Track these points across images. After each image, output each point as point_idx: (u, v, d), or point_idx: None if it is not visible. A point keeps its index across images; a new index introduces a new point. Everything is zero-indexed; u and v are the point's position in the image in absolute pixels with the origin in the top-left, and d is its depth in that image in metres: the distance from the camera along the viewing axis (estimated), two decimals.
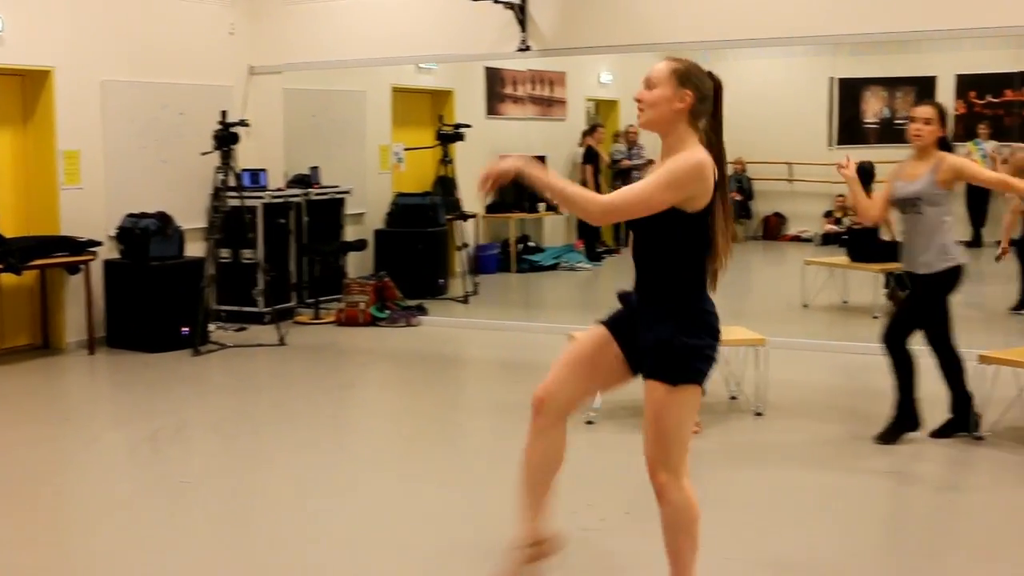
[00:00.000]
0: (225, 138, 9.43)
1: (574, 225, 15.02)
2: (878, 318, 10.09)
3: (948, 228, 6.08)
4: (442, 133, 11.78)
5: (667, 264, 3.64)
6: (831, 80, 16.73)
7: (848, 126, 16.67)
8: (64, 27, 9.25)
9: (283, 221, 10.67)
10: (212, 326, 9.67)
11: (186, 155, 9.99)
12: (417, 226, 11.78)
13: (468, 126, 11.87)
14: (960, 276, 6.09)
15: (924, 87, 15.37)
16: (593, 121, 15.84)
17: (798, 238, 17.21)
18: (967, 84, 15.46)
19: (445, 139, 11.76)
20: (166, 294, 9.27)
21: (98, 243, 9.23)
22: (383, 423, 7.37)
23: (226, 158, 9.46)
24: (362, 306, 10.48)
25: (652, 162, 14.94)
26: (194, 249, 9.78)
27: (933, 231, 6.04)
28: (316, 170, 11.23)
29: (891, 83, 16.27)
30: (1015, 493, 5.56)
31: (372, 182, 12.19)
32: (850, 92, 16.61)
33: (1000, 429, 6.33)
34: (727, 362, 6.87)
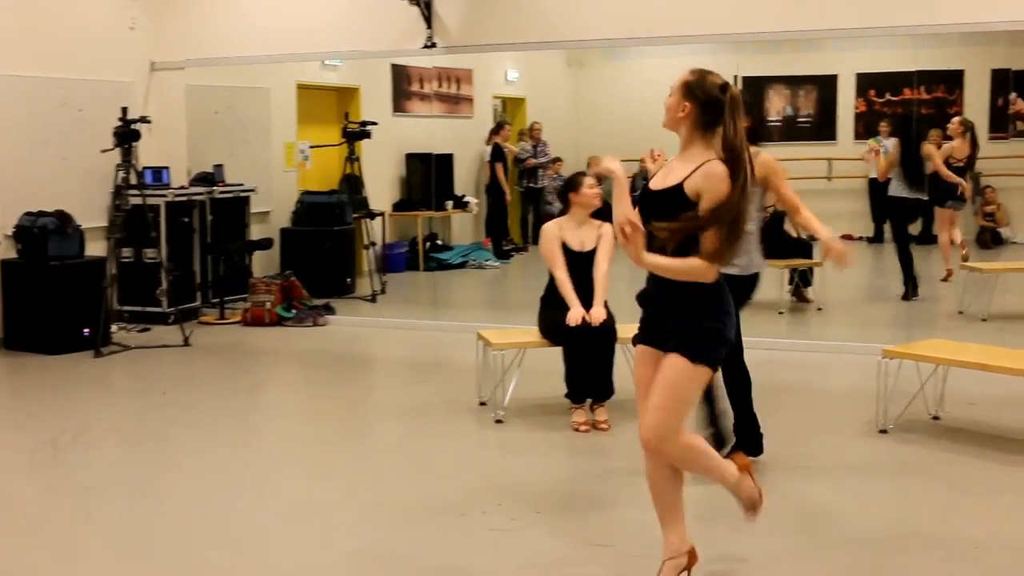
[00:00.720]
0: (126, 135, 9.29)
1: (482, 223, 15.02)
2: (783, 314, 10.27)
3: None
4: (348, 131, 11.70)
5: (683, 251, 3.87)
6: (735, 78, 16.91)
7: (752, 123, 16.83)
8: None
9: (187, 220, 10.52)
10: (114, 327, 9.51)
11: (86, 152, 9.76)
12: (323, 225, 11.69)
13: (374, 124, 11.79)
14: (754, 286, 6.05)
15: (826, 85, 15.66)
16: (500, 119, 15.84)
17: None
18: (867, 82, 15.79)
19: (351, 137, 11.67)
20: (66, 294, 9.07)
21: None
22: (290, 424, 7.29)
23: (127, 155, 9.32)
24: (268, 306, 10.37)
25: (558, 160, 15.08)
26: (95, 248, 9.60)
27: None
28: (220, 168, 11.08)
29: (794, 81, 16.52)
30: (925, 487, 5.66)
31: (277, 180, 12.07)
32: (754, 90, 16.81)
33: (902, 423, 6.44)
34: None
